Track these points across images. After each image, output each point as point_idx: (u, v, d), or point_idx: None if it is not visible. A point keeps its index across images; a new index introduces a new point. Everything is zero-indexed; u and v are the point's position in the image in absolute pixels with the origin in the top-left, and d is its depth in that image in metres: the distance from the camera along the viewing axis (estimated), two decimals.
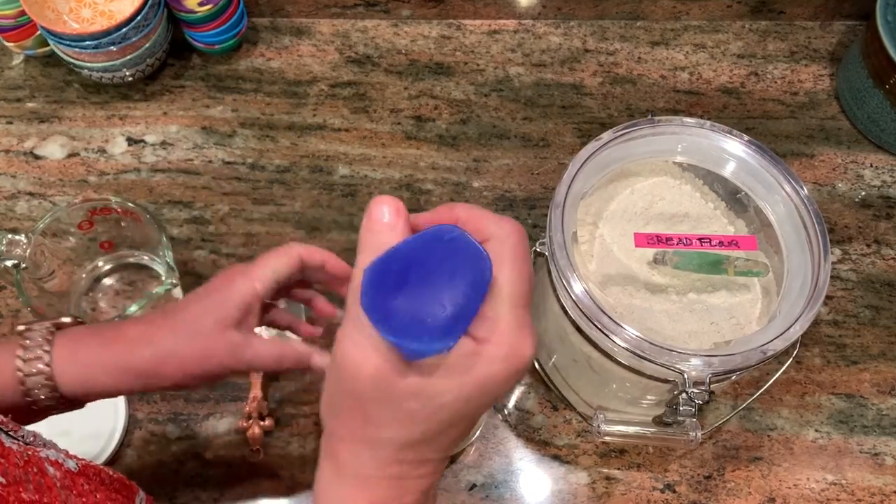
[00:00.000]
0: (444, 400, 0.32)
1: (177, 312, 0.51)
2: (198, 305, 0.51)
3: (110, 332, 0.52)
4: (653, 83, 0.90)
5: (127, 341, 0.51)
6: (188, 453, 0.69)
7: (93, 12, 0.85)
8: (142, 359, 0.50)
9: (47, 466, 0.39)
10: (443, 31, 0.93)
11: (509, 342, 0.32)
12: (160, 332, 0.51)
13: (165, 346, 0.50)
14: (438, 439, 0.34)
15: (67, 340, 0.51)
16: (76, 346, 0.51)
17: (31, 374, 0.49)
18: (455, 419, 0.33)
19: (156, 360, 0.50)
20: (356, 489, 0.35)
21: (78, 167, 0.83)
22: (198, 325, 0.50)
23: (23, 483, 0.35)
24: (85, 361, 0.50)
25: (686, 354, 0.54)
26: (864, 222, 0.82)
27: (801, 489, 0.69)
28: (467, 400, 0.32)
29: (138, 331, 0.51)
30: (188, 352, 0.50)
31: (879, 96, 0.81)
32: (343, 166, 0.84)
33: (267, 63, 0.90)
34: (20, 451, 0.38)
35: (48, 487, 0.37)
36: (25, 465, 0.37)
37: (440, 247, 0.30)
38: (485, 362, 0.32)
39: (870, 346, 0.75)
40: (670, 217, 0.66)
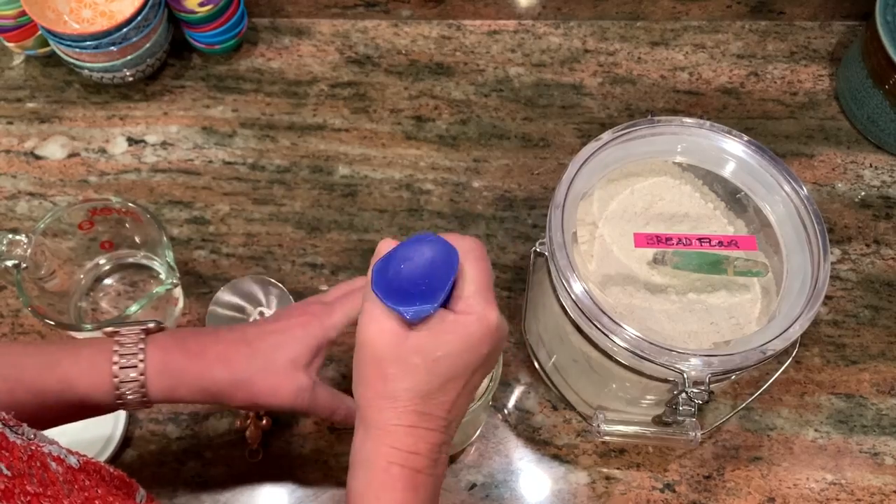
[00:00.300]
0: (438, 354, 0.43)
1: (255, 340, 0.55)
2: (275, 338, 0.55)
3: (195, 345, 0.55)
4: (652, 83, 0.90)
5: (208, 359, 0.54)
6: (188, 453, 0.69)
7: (93, 12, 0.85)
8: (219, 380, 0.54)
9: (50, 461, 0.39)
10: (443, 31, 0.93)
11: (477, 311, 0.44)
12: (238, 356, 0.54)
13: (240, 373, 0.54)
14: (441, 393, 0.44)
15: (158, 349, 0.54)
16: (167, 356, 0.54)
17: (126, 381, 0.52)
18: (450, 373, 0.44)
19: (231, 384, 0.54)
20: (380, 440, 0.44)
21: (78, 167, 0.83)
22: (272, 359, 0.54)
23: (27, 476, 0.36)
24: (173, 373, 0.54)
25: (686, 354, 0.54)
26: (864, 222, 0.82)
27: (801, 489, 0.69)
28: (457, 355, 0.43)
29: (218, 350, 0.55)
30: (260, 384, 0.54)
31: (879, 96, 0.81)
32: (343, 166, 0.84)
33: (267, 63, 0.90)
34: (24, 445, 0.38)
35: (51, 482, 0.38)
36: (29, 459, 0.38)
37: (422, 246, 0.44)
38: (462, 325, 0.43)
39: (869, 346, 0.75)
40: (670, 217, 0.66)
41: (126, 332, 0.54)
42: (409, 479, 0.43)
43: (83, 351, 0.54)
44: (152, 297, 0.66)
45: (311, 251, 0.79)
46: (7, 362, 0.52)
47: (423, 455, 0.44)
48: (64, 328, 0.67)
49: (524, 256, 0.79)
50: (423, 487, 0.44)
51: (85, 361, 0.53)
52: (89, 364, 0.53)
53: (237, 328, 0.57)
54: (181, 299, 0.74)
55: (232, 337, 0.56)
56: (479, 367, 0.45)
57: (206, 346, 0.55)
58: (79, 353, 0.53)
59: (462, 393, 0.45)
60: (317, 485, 0.69)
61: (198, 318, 0.75)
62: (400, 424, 0.43)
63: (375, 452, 0.44)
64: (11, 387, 0.51)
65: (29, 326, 0.75)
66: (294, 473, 0.69)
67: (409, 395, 0.43)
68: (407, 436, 0.43)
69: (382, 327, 0.43)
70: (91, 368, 0.53)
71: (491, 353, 0.45)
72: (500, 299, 0.77)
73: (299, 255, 0.79)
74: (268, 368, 0.54)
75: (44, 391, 0.52)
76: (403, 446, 0.43)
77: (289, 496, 0.68)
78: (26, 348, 0.54)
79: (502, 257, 0.79)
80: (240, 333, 0.56)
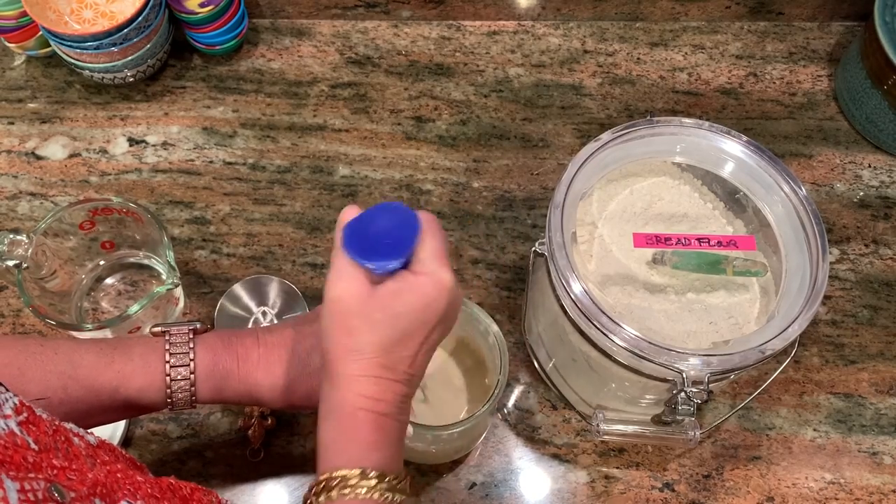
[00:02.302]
0: (399, 310, 0.46)
1: (292, 343, 0.56)
2: (309, 342, 0.56)
3: (239, 347, 0.56)
4: (652, 84, 0.90)
5: (251, 363, 0.55)
6: (189, 452, 0.70)
7: (94, 13, 0.85)
8: (260, 385, 0.55)
9: (72, 437, 0.40)
10: (443, 31, 0.93)
11: (432, 272, 0.47)
12: (278, 361, 0.56)
13: (280, 378, 0.55)
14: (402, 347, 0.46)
15: (207, 350, 0.55)
16: (215, 357, 0.55)
17: (177, 380, 0.53)
18: (410, 328, 0.46)
19: (271, 388, 0.55)
20: (347, 388, 0.46)
21: (79, 167, 0.84)
22: (307, 363, 0.55)
23: (52, 451, 0.37)
24: (221, 374, 0.55)
25: (685, 354, 0.55)
26: (863, 222, 0.82)
27: (800, 488, 0.69)
28: (415, 311, 0.46)
29: (260, 354, 0.56)
30: (297, 389, 0.55)
31: (878, 97, 0.82)
32: (343, 167, 0.84)
33: (268, 64, 0.91)
34: (49, 420, 0.39)
35: (75, 455, 0.38)
36: (54, 433, 0.38)
37: (388, 211, 0.48)
38: (419, 284, 0.46)
39: (868, 346, 0.76)
40: (669, 217, 0.66)
41: (176, 331, 0.55)
42: (375, 421, 0.46)
43: (136, 349, 0.54)
44: (153, 296, 0.66)
45: (312, 251, 0.80)
46: (61, 359, 0.52)
47: (388, 402, 0.47)
48: (65, 328, 0.67)
49: (524, 256, 0.79)
50: (391, 429, 0.47)
51: (138, 359, 0.54)
52: (143, 362, 0.54)
53: (277, 330, 0.58)
54: (182, 299, 0.75)
55: (272, 340, 0.57)
56: (437, 324, 0.47)
57: (249, 349, 0.56)
58: (131, 351, 0.54)
59: (421, 349, 0.47)
60: None
61: (198, 319, 0.76)
62: (365, 375, 0.46)
63: (342, 400, 0.46)
64: (66, 383, 0.52)
65: (30, 326, 0.75)
66: (295, 472, 0.69)
67: (372, 348, 0.46)
68: (372, 385, 0.46)
69: (349, 284, 0.46)
70: (144, 367, 0.54)
71: (447, 312, 0.47)
72: (500, 299, 0.77)
73: (300, 254, 0.79)
74: (305, 372, 0.55)
75: (98, 388, 0.52)
76: (369, 394, 0.46)
77: (289, 496, 0.68)
78: (80, 344, 0.55)
79: (502, 257, 0.79)
80: (279, 337, 0.57)
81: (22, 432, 0.35)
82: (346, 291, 0.46)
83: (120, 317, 0.66)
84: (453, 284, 0.47)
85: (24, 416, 0.37)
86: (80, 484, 0.36)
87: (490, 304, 0.77)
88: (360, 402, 0.46)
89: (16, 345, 0.53)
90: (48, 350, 0.53)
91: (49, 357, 0.52)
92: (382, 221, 0.48)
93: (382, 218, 0.48)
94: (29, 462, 0.34)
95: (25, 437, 0.35)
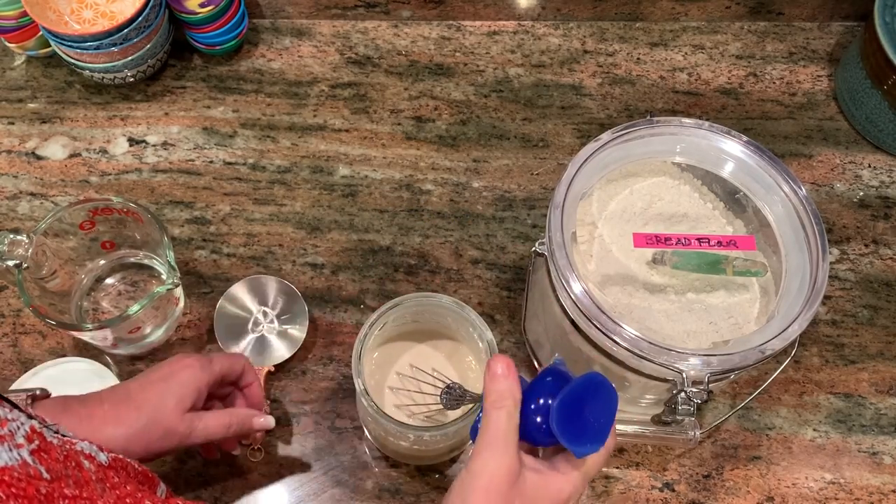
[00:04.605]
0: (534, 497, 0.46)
1: (140, 393, 0.57)
2: (157, 388, 0.57)
3: (82, 409, 0.55)
4: (652, 84, 0.90)
5: (98, 419, 0.55)
6: (190, 452, 0.70)
7: (94, 13, 0.85)
8: (113, 438, 0.54)
9: (83, 460, 0.40)
10: (443, 32, 0.93)
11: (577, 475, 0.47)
12: (127, 412, 0.56)
13: (133, 427, 0.55)
14: None
15: (47, 416, 0.52)
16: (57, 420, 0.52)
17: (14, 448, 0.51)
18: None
19: (125, 439, 0.55)
20: None
21: (79, 167, 0.84)
22: (159, 407, 0.56)
23: (64, 479, 0.37)
24: None
25: (685, 354, 0.55)
26: (863, 222, 0.82)
27: (800, 488, 0.69)
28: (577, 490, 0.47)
29: (104, 410, 0.55)
30: (152, 432, 0.56)
31: (877, 97, 0.82)
32: (343, 167, 0.84)
33: (268, 64, 0.91)
34: (60, 445, 0.39)
35: (86, 482, 0.38)
36: (65, 459, 0.38)
37: (592, 387, 0.47)
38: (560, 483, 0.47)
39: (868, 346, 0.76)
40: (669, 217, 0.66)
41: (13, 398, 0.53)
42: None
43: None
44: (153, 296, 0.66)
45: (312, 251, 0.80)
46: None
47: None
48: (65, 328, 0.67)
49: (524, 256, 0.79)
50: None
51: None
52: None
53: (119, 387, 0.59)
54: (182, 299, 0.75)
55: (115, 397, 0.57)
56: None
57: (92, 409, 0.55)
58: None
59: None
60: (317, 484, 0.69)
61: (198, 318, 0.76)
62: None
63: None
64: None
65: (30, 326, 0.75)
66: (295, 472, 0.69)
67: None
68: None
69: (505, 462, 0.45)
70: None
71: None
72: (500, 299, 0.77)
73: (300, 254, 0.79)
74: (155, 418, 0.56)
75: None
76: None
77: (289, 495, 0.68)
78: None
79: (502, 257, 0.79)
80: (123, 391, 0.57)
81: (34, 461, 0.35)
82: (497, 469, 0.45)
83: (120, 317, 0.66)
84: (581, 490, 0.48)
85: (36, 444, 0.37)
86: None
87: (490, 304, 0.77)
88: None
89: None
90: None
91: None
92: (594, 401, 0.46)
93: (594, 397, 0.46)
94: (42, 494, 0.34)
95: (38, 467, 0.35)
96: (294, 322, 0.74)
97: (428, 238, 0.80)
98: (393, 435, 0.62)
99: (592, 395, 0.46)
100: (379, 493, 0.69)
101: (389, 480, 0.69)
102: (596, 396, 0.47)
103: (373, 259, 0.79)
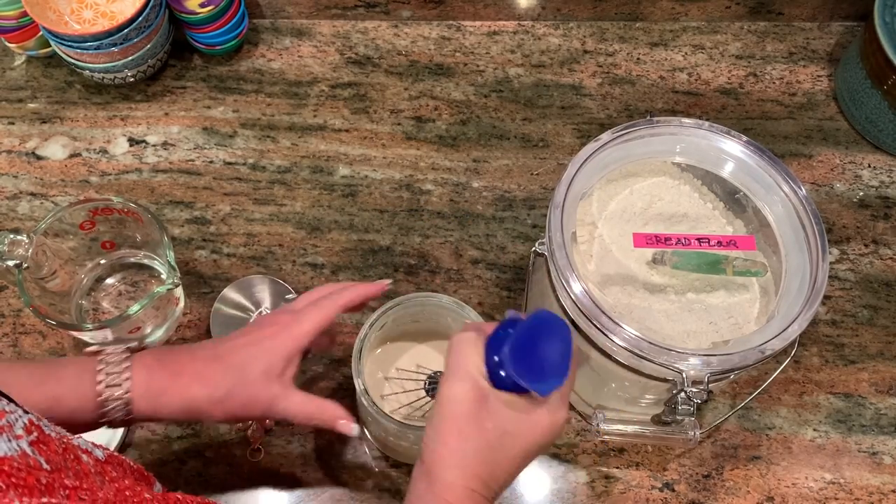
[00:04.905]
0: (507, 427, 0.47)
1: (227, 355, 0.56)
2: (247, 351, 0.56)
3: (174, 364, 0.56)
4: (651, 84, 0.90)
5: (186, 377, 0.55)
6: (190, 452, 0.70)
7: (94, 13, 0.85)
8: (197, 398, 0.55)
9: (81, 454, 0.40)
10: (443, 32, 0.93)
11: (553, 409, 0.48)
12: (212, 373, 0.55)
13: (216, 390, 0.55)
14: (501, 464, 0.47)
15: (142, 368, 0.55)
16: (150, 375, 0.55)
17: (111, 399, 0.53)
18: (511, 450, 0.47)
19: (208, 401, 0.55)
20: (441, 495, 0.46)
21: (79, 167, 0.84)
22: (246, 372, 0.55)
23: (64, 470, 0.37)
24: (157, 391, 0.55)
25: (685, 354, 0.55)
26: (862, 222, 0.82)
27: (800, 488, 0.69)
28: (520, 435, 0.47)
29: (195, 368, 0.56)
30: (235, 397, 0.55)
31: (877, 97, 0.82)
32: (343, 167, 0.84)
33: (268, 64, 0.91)
34: (58, 438, 0.39)
35: (85, 474, 0.38)
36: (64, 452, 0.38)
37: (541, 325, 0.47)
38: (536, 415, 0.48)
39: (868, 346, 0.76)
40: (669, 217, 0.66)
41: (111, 351, 0.55)
42: None
43: (68, 370, 0.54)
44: (153, 296, 0.66)
45: (312, 251, 0.80)
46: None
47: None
48: (65, 328, 0.67)
49: (524, 256, 0.79)
50: None
51: (70, 381, 0.53)
52: (74, 384, 0.53)
53: (210, 344, 0.59)
54: (182, 299, 0.75)
55: (206, 354, 0.57)
56: (533, 453, 0.48)
57: (183, 364, 0.56)
58: (63, 373, 0.54)
59: (514, 472, 0.49)
60: (317, 484, 0.69)
61: (199, 318, 0.76)
62: (462, 486, 0.47)
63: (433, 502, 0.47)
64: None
65: (30, 326, 0.75)
66: (295, 473, 0.69)
67: (477, 459, 0.47)
68: (466, 498, 0.46)
69: (469, 386, 0.47)
70: (76, 388, 0.53)
71: (545, 445, 0.48)
72: (500, 299, 0.77)
73: (300, 254, 0.79)
74: (242, 382, 0.55)
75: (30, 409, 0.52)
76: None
77: (289, 495, 0.68)
78: (11, 366, 0.54)
79: (502, 257, 0.79)
80: (212, 350, 0.57)
81: (34, 452, 0.35)
82: (465, 394, 0.47)
83: (120, 317, 0.66)
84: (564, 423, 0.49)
85: (35, 436, 0.37)
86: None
87: (490, 304, 0.77)
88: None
89: None
90: None
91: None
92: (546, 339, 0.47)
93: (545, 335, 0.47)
94: (42, 484, 0.34)
95: (38, 458, 0.35)
96: None
97: (428, 238, 0.80)
98: (393, 435, 0.62)
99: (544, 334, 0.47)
100: (379, 494, 0.69)
101: (389, 480, 0.69)
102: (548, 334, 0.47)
103: (373, 259, 0.79)
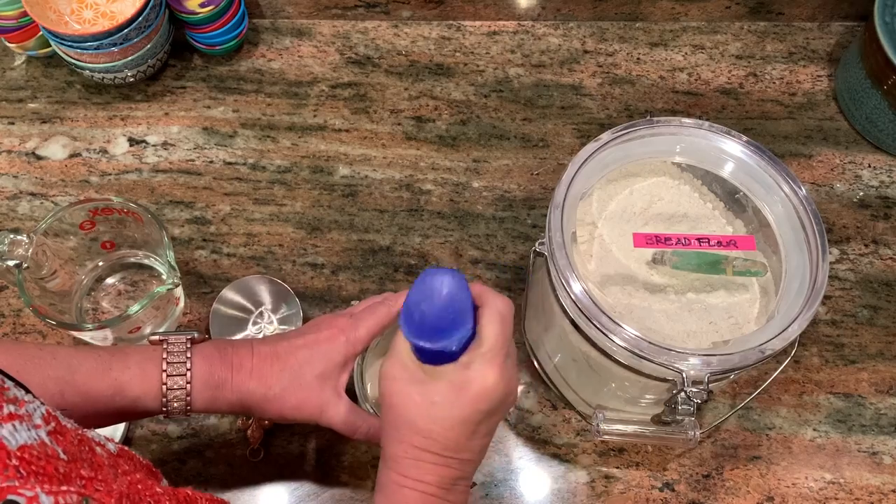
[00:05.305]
0: (435, 398, 0.47)
1: (285, 355, 0.57)
2: (303, 354, 0.57)
3: (234, 357, 0.56)
4: (652, 84, 0.90)
5: (244, 372, 0.56)
6: (189, 452, 0.70)
7: (94, 13, 0.85)
8: (252, 394, 0.56)
9: (94, 446, 0.41)
10: (443, 32, 0.93)
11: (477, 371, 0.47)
12: (270, 371, 0.56)
13: (271, 389, 0.56)
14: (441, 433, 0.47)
15: (203, 360, 0.55)
16: (211, 367, 0.55)
17: (173, 388, 0.54)
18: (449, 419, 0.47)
19: (262, 398, 0.56)
20: (390, 467, 0.48)
21: (80, 167, 0.84)
22: (300, 374, 0.56)
23: (80, 461, 0.37)
24: (215, 384, 0.55)
25: (685, 354, 0.55)
26: (863, 222, 0.82)
27: (800, 488, 0.69)
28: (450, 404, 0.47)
29: (253, 364, 0.56)
30: (289, 398, 0.56)
31: (877, 97, 0.82)
32: (343, 167, 0.84)
33: (268, 64, 0.91)
34: (73, 430, 0.39)
35: (99, 465, 0.39)
36: (79, 443, 0.39)
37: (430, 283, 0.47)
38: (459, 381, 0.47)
39: (868, 346, 0.76)
40: (669, 217, 0.66)
41: (174, 340, 0.56)
42: (420, 499, 0.47)
43: (133, 357, 0.55)
44: (153, 296, 0.66)
45: (312, 251, 0.80)
46: (59, 364, 0.53)
47: (429, 483, 0.47)
48: (65, 328, 0.67)
49: (524, 256, 0.79)
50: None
51: (136, 368, 0.54)
52: (140, 371, 0.54)
53: (270, 341, 0.59)
54: (182, 299, 0.75)
55: (265, 351, 0.57)
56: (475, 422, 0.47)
57: (243, 358, 0.56)
58: (129, 359, 0.54)
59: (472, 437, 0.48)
60: (317, 484, 0.69)
61: (199, 318, 0.76)
62: (404, 457, 0.48)
63: (387, 478, 0.48)
64: (63, 388, 0.52)
65: (30, 326, 0.75)
66: (295, 472, 0.69)
67: (408, 430, 0.47)
68: (411, 467, 0.47)
69: (394, 365, 0.48)
70: (141, 375, 0.54)
71: (493, 410, 0.48)
72: None
73: (300, 254, 0.79)
74: (296, 384, 0.56)
75: (94, 395, 0.53)
76: (410, 475, 0.48)
77: (289, 495, 0.68)
78: (78, 351, 0.55)
79: (502, 257, 0.79)
80: (271, 347, 0.57)
81: (52, 442, 0.36)
82: (391, 368, 0.48)
83: (120, 317, 0.66)
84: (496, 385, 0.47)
85: (53, 426, 0.37)
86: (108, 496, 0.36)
87: None
88: (402, 481, 0.48)
89: (14, 348, 0.54)
90: (46, 355, 0.53)
91: (47, 362, 0.52)
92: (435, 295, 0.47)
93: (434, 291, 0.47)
94: (60, 473, 0.34)
95: (56, 448, 0.36)
96: (290, 321, 0.74)
97: (428, 238, 0.80)
98: None
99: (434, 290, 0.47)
100: None
101: None
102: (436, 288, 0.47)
103: (373, 259, 0.79)
